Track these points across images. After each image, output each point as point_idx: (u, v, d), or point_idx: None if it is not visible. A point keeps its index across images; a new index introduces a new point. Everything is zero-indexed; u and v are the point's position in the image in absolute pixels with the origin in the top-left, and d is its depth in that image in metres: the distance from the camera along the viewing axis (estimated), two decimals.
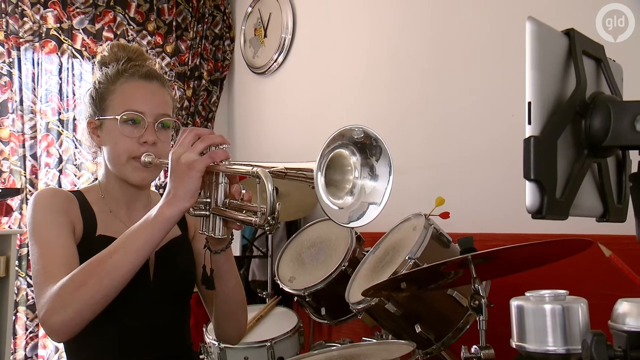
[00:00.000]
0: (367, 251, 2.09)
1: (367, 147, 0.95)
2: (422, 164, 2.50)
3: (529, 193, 0.69)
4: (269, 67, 3.52)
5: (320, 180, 0.89)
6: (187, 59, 3.70)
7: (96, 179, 1.41)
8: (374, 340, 1.88)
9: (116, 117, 1.28)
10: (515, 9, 2.16)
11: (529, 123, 0.69)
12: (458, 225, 2.01)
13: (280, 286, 2.25)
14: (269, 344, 2.14)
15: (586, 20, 1.82)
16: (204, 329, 2.30)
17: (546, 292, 0.98)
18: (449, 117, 2.43)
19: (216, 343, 2.16)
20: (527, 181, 0.69)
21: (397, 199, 0.97)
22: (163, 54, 3.61)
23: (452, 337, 1.68)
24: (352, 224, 0.95)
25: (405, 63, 2.65)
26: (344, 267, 2.07)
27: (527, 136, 0.69)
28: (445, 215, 1.93)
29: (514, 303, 1.01)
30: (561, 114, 0.70)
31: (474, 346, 1.27)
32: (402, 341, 1.60)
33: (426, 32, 2.56)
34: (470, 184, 2.30)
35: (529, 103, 0.69)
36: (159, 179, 3.35)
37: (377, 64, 2.82)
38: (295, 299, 2.24)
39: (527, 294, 1.01)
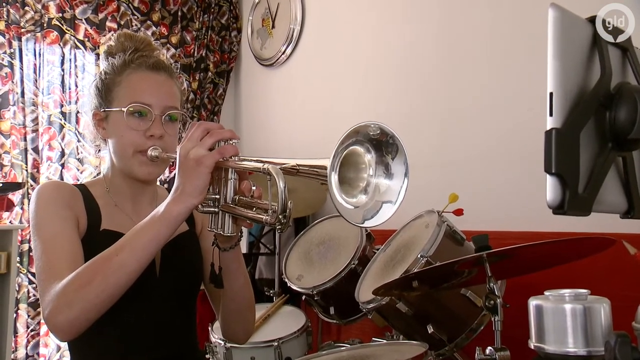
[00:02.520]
0: (378, 249, 2.09)
1: (383, 145, 0.95)
2: (435, 159, 2.49)
3: (550, 187, 0.68)
4: (277, 59, 3.51)
5: (333, 178, 0.88)
6: (192, 51, 3.71)
7: (99, 173, 1.42)
8: (384, 341, 1.88)
9: (122, 109, 1.28)
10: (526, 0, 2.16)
11: (551, 115, 0.68)
12: (472, 222, 2.00)
13: (288, 284, 2.25)
14: (276, 343, 2.15)
15: None
16: (209, 328, 2.31)
17: (566, 292, 0.97)
18: (462, 111, 2.42)
19: (222, 342, 2.17)
20: (548, 175, 0.68)
21: (409, 196, 0.96)
22: (168, 45, 3.62)
23: (466, 338, 1.67)
24: (366, 224, 0.95)
25: (417, 56, 2.64)
26: (353, 266, 2.07)
27: (548, 128, 0.68)
28: (458, 212, 1.92)
29: (533, 302, 1.00)
30: (584, 105, 0.70)
31: (489, 347, 1.27)
32: (414, 342, 1.60)
33: (437, 24, 2.55)
34: (485, 180, 2.29)
35: (551, 94, 0.68)
36: (163, 175, 3.36)
37: (387, 57, 2.81)
38: (304, 297, 2.24)
39: (546, 293, 1.00)
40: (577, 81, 0.71)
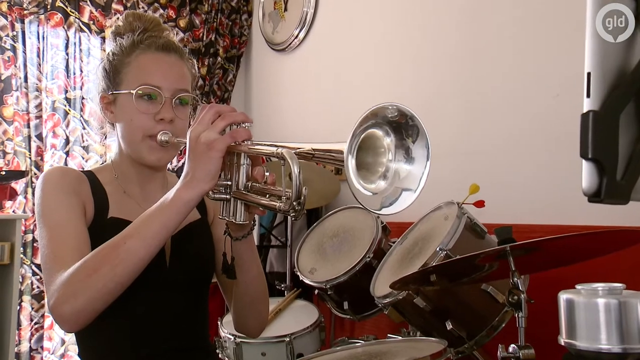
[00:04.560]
0: (394, 242, 2.08)
1: (403, 127, 0.94)
2: (455, 149, 2.47)
3: (586, 174, 0.67)
4: (290, 44, 3.50)
5: (351, 163, 0.88)
6: (201, 35, 3.70)
7: (105, 161, 1.41)
8: (400, 338, 1.87)
9: (131, 91, 1.27)
10: None
11: (588, 96, 0.67)
12: (493, 215, 1.98)
13: (300, 278, 2.25)
14: (287, 339, 2.15)
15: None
16: (218, 322, 2.31)
17: (600, 285, 0.95)
18: (484, 97, 2.39)
19: (232, 337, 2.17)
20: (584, 161, 0.67)
21: (427, 186, 0.95)
22: (176, 29, 3.61)
23: (486, 335, 1.66)
24: (384, 211, 0.94)
25: (437, 40, 2.62)
26: (368, 259, 2.06)
27: (585, 110, 0.66)
28: (479, 204, 1.90)
29: (563, 296, 0.98)
30: (624, 86, 0.68)
31: (512, 345, 1.26)
32: (432, 339, 1.59)
33: (459, 7, 2.52)
34: (507, 171, 2.27)
35: (589, 74, 0.67)
36: (171, 164, 3.36)
37: (405, 40, 2.78)
38: (316, 292, 2.24)
39: (577, 286, 0.99)
40: (617, 61, 0.69)
